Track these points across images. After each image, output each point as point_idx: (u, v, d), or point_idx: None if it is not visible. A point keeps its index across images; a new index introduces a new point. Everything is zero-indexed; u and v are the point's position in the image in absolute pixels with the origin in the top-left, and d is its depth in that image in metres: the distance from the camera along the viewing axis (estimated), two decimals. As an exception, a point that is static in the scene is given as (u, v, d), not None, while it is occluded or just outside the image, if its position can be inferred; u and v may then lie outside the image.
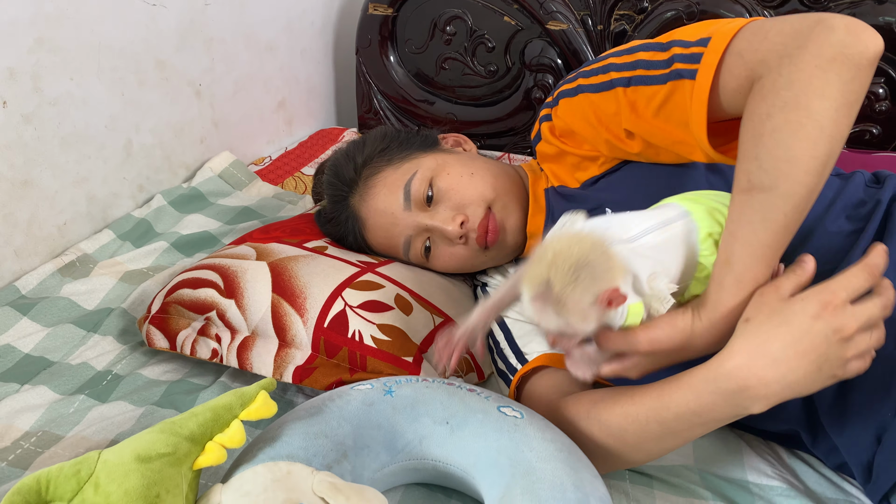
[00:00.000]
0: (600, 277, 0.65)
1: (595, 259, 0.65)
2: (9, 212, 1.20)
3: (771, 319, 0.68)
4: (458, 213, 1.04)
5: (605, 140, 0.93)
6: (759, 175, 0.69)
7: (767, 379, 0.67)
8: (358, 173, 1.11)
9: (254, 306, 0.99)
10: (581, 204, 1.01)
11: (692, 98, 0.78)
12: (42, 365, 1.04)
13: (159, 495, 0.67)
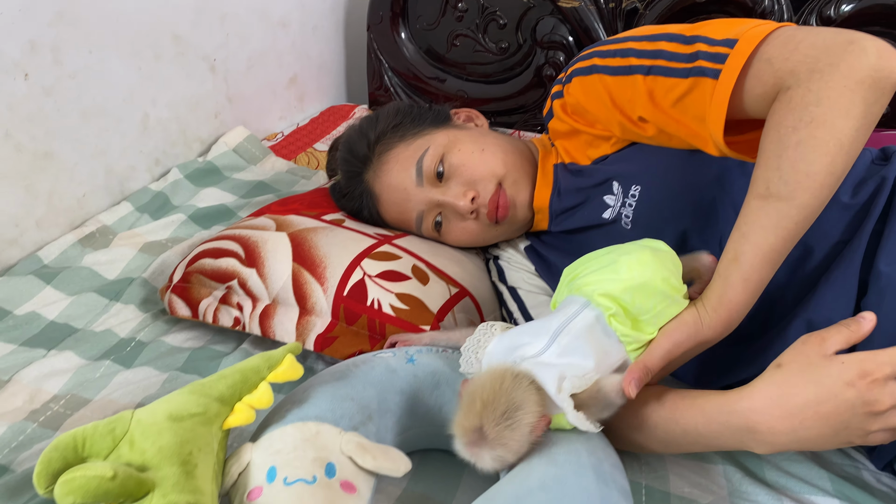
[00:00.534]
0: (530, 412, 0.70)
1: (520, 399, 0.70)
2: (30, 183, 1.22)
3: (803, 373, 0.69)
4: (468, 189, 1.06)
5: (618, 122, 0.95)
6: (779, 185, 0.72)
7: (777, 429, 0.69)
8: (371, 150, 1.13)
9: (275, 275, 1.02)
10: (590, 178, 1.03)
11: (713, 98, 0.79)
12: (67, 332, 1.06)
13: (192, 453, 0.69)
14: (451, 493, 0.81)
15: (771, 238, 0.72)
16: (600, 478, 0.70)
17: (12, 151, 1.18)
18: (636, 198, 0.96)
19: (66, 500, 0.64)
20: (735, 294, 0.73)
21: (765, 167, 0.73)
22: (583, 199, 1.03)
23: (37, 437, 0.87)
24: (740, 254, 0.73)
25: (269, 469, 0.70)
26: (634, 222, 0.96)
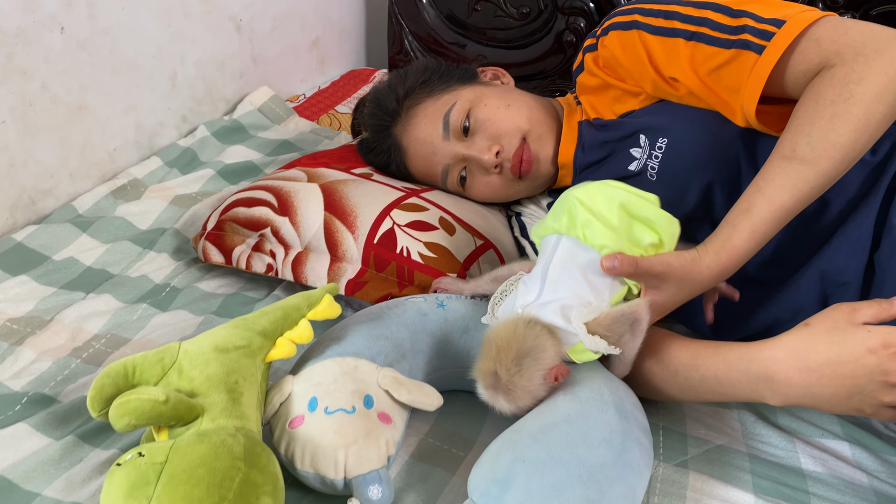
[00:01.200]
0: (541, 360, 0.73)
1: (531, 346, 0.73)
2: (65, 135, 1.25)
3: (828, 333, 0.71)
4: (493, 143, 1.08)
5: (651, 79, 0.97)
6: (805, 149, 0.77)
7: (793, 381, 0.71)
8: (400, 104, 1.15)
9: (307, 223, 1.05)
10: (616, 131, 1.04)
11: (752, 71, 0.83)
12: (104, 277, 1.10)
13: (237, 382, 0.73)
14: (476, 430, 0.84)
15: (786, 196, 0.77)
16: (622, 414, 0.73)
17: (49, 103, 1.21)
18: (662, 150, 0.98)
19: (121, 422, 0.68)
20: (740, 241, 0.77)
21: (795, 132, 0.78)
22: (608, 153, 1.06)
23: (80, 371, 0.91)
24: (753, 205, 0.77)
25: (311, 399, 0.74)
26: (660, 175, 0.98)
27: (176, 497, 0.60)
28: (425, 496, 0.75)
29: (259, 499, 0.62)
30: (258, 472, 0.64)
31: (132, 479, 0.62)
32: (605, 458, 0.68)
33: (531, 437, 0.70)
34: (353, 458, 0.70)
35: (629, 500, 0.69)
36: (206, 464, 0.62)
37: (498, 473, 0.68)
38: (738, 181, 0.95)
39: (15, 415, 0.83)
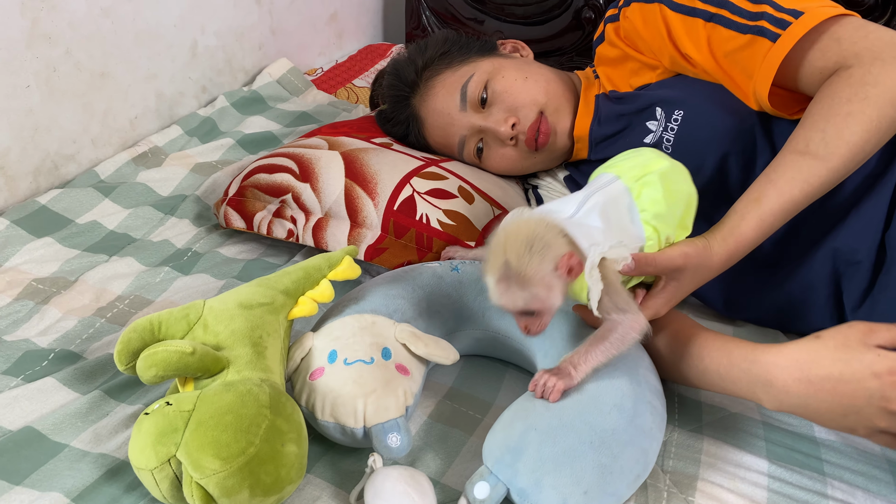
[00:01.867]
0: (553, 246, 0.69)
1: (543, 231, 0.69)
2: (87, 101, 1.27)
3: (837, 349, 0.69)
4: (510, 115, 1.09)
5: (669, 54, 0.98)
6: (819, 145, 0.79)
7: (791, 390, 0.70)
8: (419, 75, 1.16)
9: (328, 189, 1.06)
10: (633, 103, 1.05)
11: (766, 58, 0.85)
12: (126, 240, 1.12)
13: (261, 336, 0.74)
14: (493, 393, 0.86)
15: (795, 190, 0.79)
16: (633, 378, 0.74)
17: (72, 69, 1.22)
18: (678, 122, 0.99)
19: (148, 373, 0.69)
20: (747, 229, 0.79)
21: (809, 128, 0.80)
22: (624, 126, 1.06)
23: (105, 330, 0.93)
24: (763, 196, 0.79)
25: (330, 352, 0.75)
26: (675, 147, 0.99)
27: (204, 442, 0.62)
28: (444, 455, 0.76)
29: (284, 445, 0.64)
30: (283, 419, 0.65)
31: (161, 427, 0.64)
32: (616, 422, 0.69)
33: (543, 405, 0.71)
34: (372, 407, 0.71)
35: (642, 464, 0.70)
36: (234, 411, 0.63)
37: (511, 441, 0.69)
38: (753, 154, 0.95)
39: (42, 370, 0.85)
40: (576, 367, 0.71)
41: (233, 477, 0.62)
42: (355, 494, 0.69)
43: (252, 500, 0.63)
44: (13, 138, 1.16)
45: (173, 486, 0.64)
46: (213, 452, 0.62)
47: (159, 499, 0.66)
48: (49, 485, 0.69)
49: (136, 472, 0.65)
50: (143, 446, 0.64)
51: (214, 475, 0.61)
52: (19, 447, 0.73)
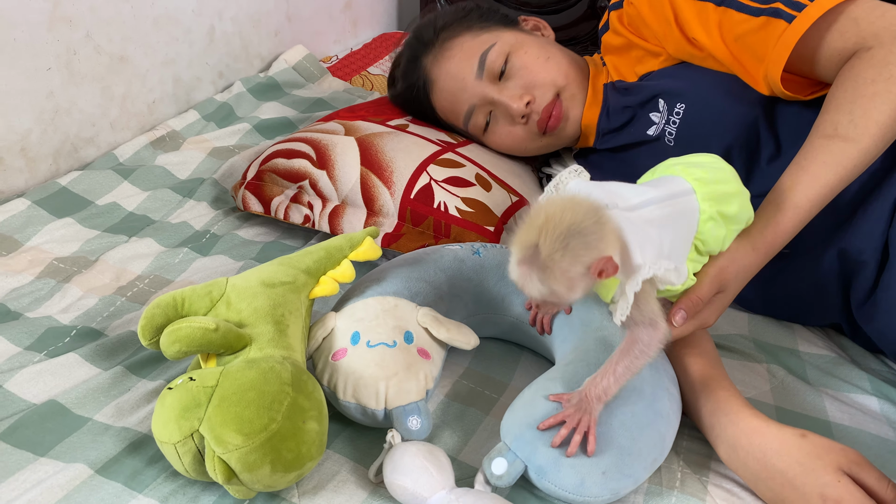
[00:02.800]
0: (592, 246, 0.59)
1: (588, 227, 0.59)
2: (106, 85, 1.28)
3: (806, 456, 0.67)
4: (525, 93, 1.08)
5: (674, 40, 0.97)
6: (848, 127, 0.78)
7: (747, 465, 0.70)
8: (436, 35, 1.14)
9: (344, 177, 1.07)
10: (637, 95, 1.04)
11: (780, 39, 0.84)
12: (145, 222, 1.13)
13: (283, 315, 0.75)
14: (509, 374, 0.87)
15: (830, 174, 0.77)
16: (651, 365, 0.74)
17: (92, 52, 1.24)
18: (680, 115, 0.98)
19: (171, 348, 0.71)
20: (785, 218, 0.77)
21: (835, 111, 0.79)
22: (630, 118, 1.06)
23: (126, 309, 0.94)
24: (797, 183, 0.77)
25: (353, 333, 0.76)
26: (677, 140, 0.99)
27: (227, 418, 0.63)
28: (461, 433, 0.77)
29: (306, 422, 0.65)
30: (305, 397, 0.66)
31: (184, 402, 0.65)
32: (635, 406, 0.70)
33: (564, 386, 0.72)
34: (394, 390, 0.72)
35: (659, 448, 0.70)
36: (256, 387, 0.64)
37: (531, 419, 0.69)
38: (756, 146, 0.95)
39: (65, 346, 0.86)
40: (604, 395, 0.67)
41: (255, 452, 0.63)
42: (374, 470, 0.70)
43: (273, 475, 0.64)
44: (34, 120, 1.17)
45: (196, 460, 0.65)
46: (236, 428, 0.62)
47: (181, 472, 0.67)
48: (73, 456, 0.71)
49: (159, 445, 0.66)
50: (166, 420, 0.65)
51: (237, 450, 0.62)
52: (43, 420, 0.75)
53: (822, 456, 0.67)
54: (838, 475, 0.65)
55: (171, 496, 0.67)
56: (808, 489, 0.66)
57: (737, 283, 0.77)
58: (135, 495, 0.67)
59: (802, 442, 0.68)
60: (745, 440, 0.70)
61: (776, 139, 0.93)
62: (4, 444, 0.72)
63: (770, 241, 0.77)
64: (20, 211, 1.09)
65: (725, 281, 0.75)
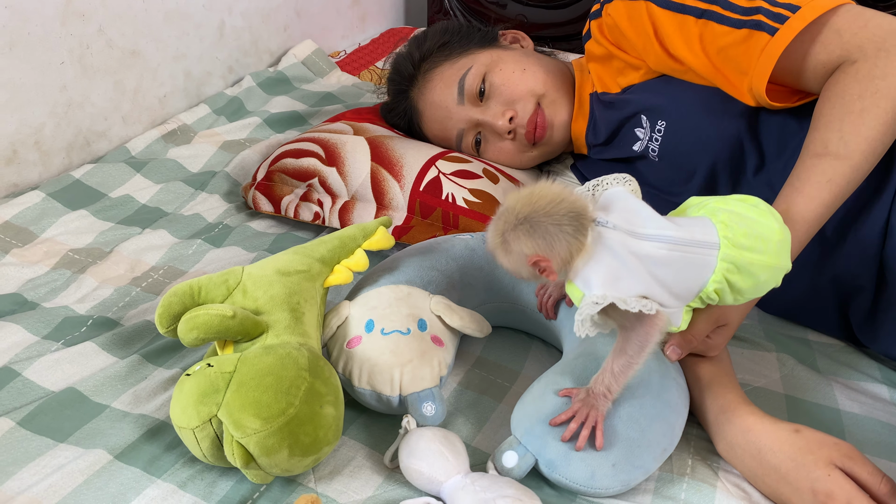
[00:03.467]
0: (554, 247, 0.62)
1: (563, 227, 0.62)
2: (118, 79, 1.29)
3: (798, 451, 0.68)
4: (507, 109, 1.09)
5: (654, 53, 0.95)
6: (838, 145, 0.77)
7: (744, 462, 0.71)
8: (416, 68, 1.16)
9: (354, 173, 1.08)
10: (621, 110, 1.03)
11: (763, 52, 0.83)
12: (158, 214, 1.14)
13: (299, 303, 0.76)
14: (520, 363, 0.87)
15: (824, 192, 0.77)
16: (659, 356, 0.75)
17: (104, 47, 1.25)
18: (661, 132, 0.98)
19: (189, 335, 0.72)
20: None
21: (825, 129, 0.79)
22: (615, 132, 1.06)
23: (141, 299, 0.95)
24: (792, 206, 0.77)
25: (368, 321, 0.77)
26: (661, 156, 0.99)
27: (245, 403, 0.64)
28: (474, 420, 0.78)
29: (323, 407, 0.66)
30: (322, 382, 0.67)
31: (202, 387, 0.66)
32: (644, 398, 0.71)
33: (574, 379, 0.73)
34: (409, 377, 0.73)
35: (668, 438, 0.71)
36: (274, 373, 0.65)
37: (541, 413, 0.70)
38: (741, 159, 0.94)
39: (81, 335, 0.87)
40: (608, 393, 0.68)
41: (273, 437, 0.63)
42: (389, 455, 0.71)
43: (291, 459, 0.65)
44: (48, 114, 1.19)
45: (214, 445, 0.66)
46: (254, 412, 0.63)
47: (199, 458, 0.68)
48: (92, 442, 0.72)
49: (178, 430, 0.67)
50: (184, 406, 0.66)
51: (255, 434, 0.63)
52: (62, 407, 0.76)
53: (814, 451, 0.67)
54: (829, 469, 0.66)
55: (189, 481, 0.68)
56: (801, 484, 0.67)
57: (739, 317, 0.77)
58: (153, 480, 0.68)
59: (795, 437, 0.69)
60: (741, 438, 0.71)
61: (760, 150, 0.93)
62: (25, 431, 0.73)
63: None
64: (35, 203, 1.10)
65: (725, 316, 0.75)
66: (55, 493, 0.66)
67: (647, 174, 1.02)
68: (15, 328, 0.86)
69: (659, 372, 0.73)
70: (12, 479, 0.67)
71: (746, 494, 0.70)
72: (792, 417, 0.81)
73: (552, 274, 0.64)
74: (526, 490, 0.64)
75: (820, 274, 0.90)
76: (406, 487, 0.69)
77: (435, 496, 0.67)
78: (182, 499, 0.66)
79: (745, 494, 0.70)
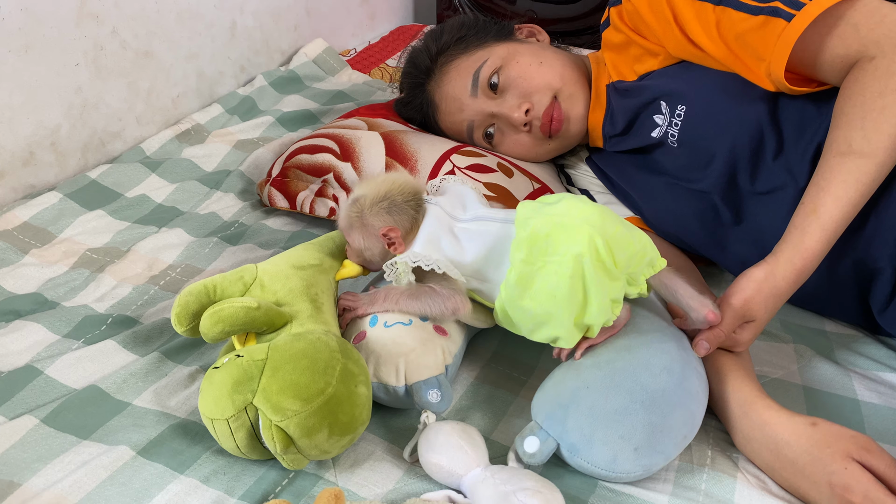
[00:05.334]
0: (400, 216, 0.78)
1: (405, 209, 0.78)
2: (132, 80, 1.30)
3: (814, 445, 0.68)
4: (523, 101, 1.08)
5: (674, 39, 0.95)
6: (862, 143, 0.77)
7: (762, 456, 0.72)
8: (434, 61, 1.15)
9: (369, 168, 1.08)
10: (638, 97, 1.03)
11: (780, 37, 0.83)
12: (174, 213, 1.15)
13: (317, 294, 0.77)
14: (535, 357, 0.88)
15: (851, 191, 0.77)
16: (681, 344, 0.76)
17: (118, 48, 1.26)
18: (681, 118, 0.98)
19: (214, 329, 0.72)
20: (812, 242, 0.77)
21: (847, 127, 0.79)
22: (633, 120, 1.05)
23: (159, 297, 0.96)
24: (819, 205, 0.77)
25: (371, 317, 0.79)
26: (680, 142, 0.98)
27: (284, 385, 0.65)
28: (491, 414, 0.79)
29: (357, 387, 0.68)
30: (353, 363, 0.69)
31: (235, 377, 0.66)
32: (666, 384, 0.71)
33: (595, 365, 0.73)
34: (412, 365, 0.74)
35: (689, 425, 0.72)
36: (308, 356, 0.67)
37: (562, 398, 0.71)
38: (760, 144, 0.93)
39: (101, 333, 0.88)
40: (383, 300, 0.79)
41: (313, 416, 0.64)
42: (409, 449, 0.71)
43: (329, 439, 0.66)
44: (63, 115, 1.20)
45: (248, 435, 0.67)
46: (294, 394, 0.64)
47: (230, 450, 0.69)
48: (115, 439, 0.73)
49: (209, 423, 0.68)
50: (217, 397, 0.66)
51: (296, 416, 0.64)
52: (84, 404, 0.77)
53: (831, 444, 0.67)
54: (846, 462, 0.66)
55: (212, 476, 0.69)
56: (818, 478, 0.67)
57: (766, 312, 0.77)
58: (176, 476, 0.69)
59: (812, 431, 0.69)
60: (758, 432, 0.72)
61: (779, 135, 0.92)
62: (48, 428, 0.73)
63: (799, 267, 0.77)
64: (52, 204, 1.11)
65: (752, 311, 0.76)
66: (80, 489, 0.67)
67: (666, 162, 1.02)
68: (36, 327, 0.87)
69: (681, 360, 0.74)
70: (37, 476, 0.68)
71: (766, 486, 0.71)
72: (810, 409, 0.81)
73: (400, 246, 0.78)
74: (546, 482, 0.65)
75: (840, 259, 0.89)
76: (426, 481, 0.69)
77: (455, 489, 0.67)
78: (205, 493, 0.67)
79: (765, 486, 0.71)
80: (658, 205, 1.04)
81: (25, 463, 0.69)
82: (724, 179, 0.95)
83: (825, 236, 0.76)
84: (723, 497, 0.69)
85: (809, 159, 0.87)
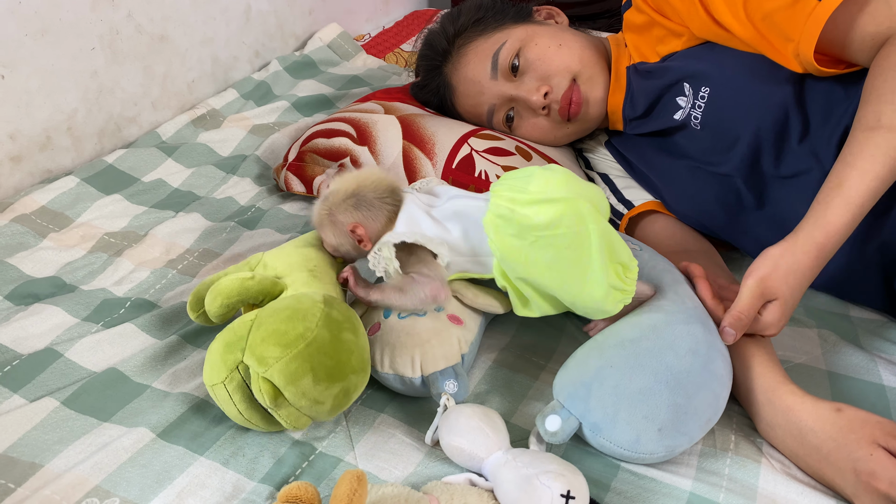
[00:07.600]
0: (372, 220, 0.77)
1: (380, 207, 0.78)
2: (147, 65, 1.29)
3: (839, 431, 0.67)
4: (542, 84, 1.07)
5: (699, 19, 0.94)
6: (892, 117, 0.75)
7: (787, 443, 0.71)
8: (451, 43, 1.14)
9: (386, 151, 1.08)
10: (661, 79, 1.02)
11: (811, 16, 0.81)
12: (191, 198, 1.15)
13: (316, 265, 0.79)
14: (554, 342, 0.87)
15: (878, 166, 0.74)
16: (706, 327, 0.75)
17: (133, 32, 1.25)
18: (705, 99, 0.96)
19: (214, 303, 0.74)
20: (835, 216, 0.74)
21: (876, 101, 0.77)
22: (655, 102, 1.04)
23: (177, 281, 0.96)
24: (844, 180, 0.75)
25: (385, 309, 0.79)
26: (703, 124, 0.97)
27: (265, 335, 0.66)
28: (510, 398, 0.78)
29: (341, 333, 0.68)
30: (337, 311, 0.70)
31: (227, 339, 0.69)
32: (691, 366, 0.70)
33: (619, 345, 0.72)
34: (428, 356, 0.74)
35: (713, 407, 0.71)
36: (290, 306, 0.69)
37: (585, 377, 0.70)
38: (785, 127, 0.92)
39: (120, 317, 0.88)
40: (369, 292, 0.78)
41: (294, 361, 0.65)
42: (431, 433, 0.71)
43: (317, 386, 0.66)
44: (80, 100, 1.19)
45: (245, 395, 0.68)
46: (274, 341, 0.66)
47: (235, 418, 0.69)
48: (135, 421, 0.73)
49: (211, 393, 0.69)
50: (213, 363, 0.69)
51: (277, 362, 0.65)
52: (104, 387, 0.77)
53: (856, 430, 0.66)
54: (872, 448, 0.65)
55: (232, 458, 0.69)
56: (843, 464, 0.66)
57: (789, 290, 0.75)
58: (196, 457, 0.69)
59: (837, 417, 0.68)
60: (781, 418, 0.71)
61: (805, 118, 0.90)
62: (69, 410, 0.74)
63: (821, 242, 0.75)
64: (70, 188, 1.11)
65: (771, 289, 0.74)
66: (101, 470, 0.67)
67: (688, 145, 1.00)
68: (55, 310, 0.87)
69: (706, 342, 0.73)
70: (58, 458, 0.68)
71: (791, 471, 0.70)
72: (835, 394, 0.80)
73: (368, 243, 0.77)
74: (568, 465, 0.64)
75: (866, 242, 0.88)
76: (447, 464, 0.69)
77: (476, 472, 0.67)
78: (225, 475, 0.67)
79: (790, 471, 0.70)
80: (679, 189, 1.03)
81: (47, 445, 0.70)
82: (748, 163, 0.93)
83: (849, 210, 0.74)
84: (747, 482, 0.68)
85: (836, 143, 0.85)
